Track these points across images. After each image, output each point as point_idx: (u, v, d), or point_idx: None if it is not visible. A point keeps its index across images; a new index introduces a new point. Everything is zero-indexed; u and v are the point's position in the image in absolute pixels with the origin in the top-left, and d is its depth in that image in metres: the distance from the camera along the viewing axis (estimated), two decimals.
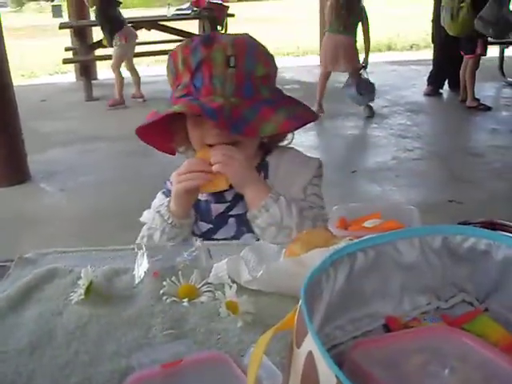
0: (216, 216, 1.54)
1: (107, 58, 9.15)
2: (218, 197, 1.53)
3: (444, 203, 4.11)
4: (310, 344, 0.58)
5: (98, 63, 9.83)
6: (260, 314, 0.97)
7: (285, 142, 1.60)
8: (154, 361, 0.79)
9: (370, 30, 6.69)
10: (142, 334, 0.95)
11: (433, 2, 8.05)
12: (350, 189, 4.66)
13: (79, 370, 0.86)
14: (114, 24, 7.76)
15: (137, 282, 1.10)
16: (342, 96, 7.08)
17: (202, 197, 1.54)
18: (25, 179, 5.14)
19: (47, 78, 10.91)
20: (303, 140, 6.25)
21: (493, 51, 7.84)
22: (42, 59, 12.20)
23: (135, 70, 8.22)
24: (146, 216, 1.60)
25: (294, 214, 1.41)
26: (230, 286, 0.99)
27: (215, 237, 1.52)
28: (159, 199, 1.61)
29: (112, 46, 7.88)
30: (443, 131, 6.56)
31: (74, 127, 6.91)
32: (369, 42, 6.74)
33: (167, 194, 1.59)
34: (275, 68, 1.51)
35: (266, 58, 1.47)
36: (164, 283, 1.05)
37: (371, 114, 6.87)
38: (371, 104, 6.92)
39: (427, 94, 7.97)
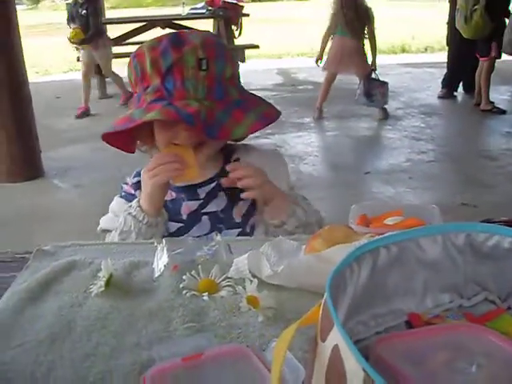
0: (189, 214, 1.53)
1: (121, 55, 9.20)
2: (191, 194, 1.53)
3: (457, 206, 4.10)
4: (335, 337, 0.57)
5: (112, 61, 9.87)
6: (281, 309, 0.97)
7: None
8: (174, 354, 0.79)
9: (376, 32, 6.67)
10: (163, 326, 0.94)
11: (448, 5, 8.02)
12: (363, 190, 4.66)
13: (100, 361, 0.86)
14: (101, 27, 7.80)
15: (156, 275, 1.10)
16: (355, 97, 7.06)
17: (168, 196, 1.52)
18: (39, 175, 5.17)
19: (61, 76, 10.95)
20: (315, 140, 6.26)
21: None
22: (56, 57, 12.25)
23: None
24: (107, 222, 1.59)
25: (311, 209, 1.48)
26: (251, 281, 0.99)
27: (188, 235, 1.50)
28: (117, 203, 1.60)
29: (82, 44, 7.76)
30: (457, 134, 6.53)
31: (88, 124, 6.94)
32: (375, 43, 6.71)
33: (126, 197, 1.59)
34: (238, 65, 1.52)
35: (232, 58, 1.47)
36: (184, 277, 1.05)
37: (385, 116, 6.85)
38: (385, 106, 6.91)
39: (441, 97, 7.95)
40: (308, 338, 0.84)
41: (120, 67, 10.00)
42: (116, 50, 8.99)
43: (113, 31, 9.34)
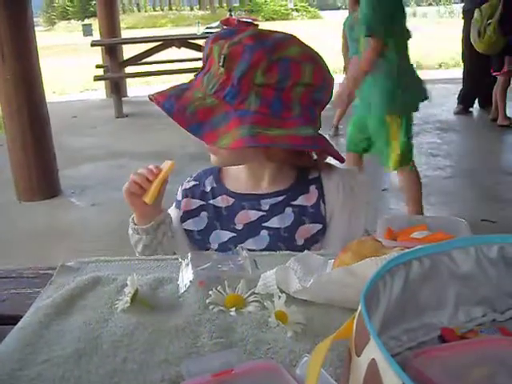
0: (245, 224, 1.48)
1: (137, 75, 9.28)
2: (253, 203, 1.48)
3: (477, 222, 4.05)
4: (372, 351, 0.56)
5: (128, 80, 9.96)
6: (310, 325, 0.95)
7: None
8: (204, 369, 0.78)
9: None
10: (190, 342, 0.93)
11: (462, 21, 8.01)
12: (380, 207, 4.63)
13: (128, 377, 0.85)
14: None
15: (182, 291, 1.08)
16: None
17: (224, 202, 1.51)
18: (56, 194, 5.19)
19: (78, 95, 11.05)
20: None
21: None
22: (72, 77, 12.36)
23: None
24: None
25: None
26: (279, 296, 0.98)
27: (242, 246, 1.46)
28: (170, 210, 1.58)
29: None
30: (474, 150, 6.50)
31: (105, 143, 6.98)
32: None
33: (176, 204, 1.58)
34: (298, 83, 1.33)
35: (274, 68, 1.30)
36: (210, 292, 1.04)
37: None
38: None
39: (457, 113, 7.92)
40: (339, 353, 0.83)
41: (137, 86, 10.14)
42: (132, 69, 9.07)
43: (129, 51, 9.44)
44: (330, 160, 1.54)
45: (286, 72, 1.31)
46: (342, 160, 1.45)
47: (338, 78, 6.90)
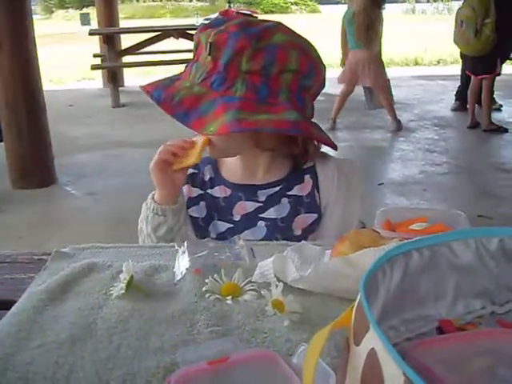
0: (243, 215, 1.48)
1: (135, 65, 9.24)
2: (250, 194, 1.48)
3: (473, 218, 4.02)
4: (372, 340, 0.55)
5: (125, 70, 9.93)
6: (307, 314, 0.95)
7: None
8: (199, 357, 0.77)
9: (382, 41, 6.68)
10: (186, 330, 0.92)
11: None
12: (376, 201, 4.62)
13: (122, 364, 0.84)
14: None
15: (178, 278, 1.08)
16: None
17: (222, 193, 1.50)
18: (51, 182, 5.17)
19: (75, 84, 11.01)
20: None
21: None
22: (69, 66, 12.32)
23: None
24: None
25: None
26: (276, 285, 0.97)
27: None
28: None
29: None
30: (471, 146, 6.50)
31: (101, 132, 6.96)
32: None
33: None
34: (286, 70, 1.31)
35: (260, 54, 1.29)
36: (206, 281, 1.03)
37: (399, 128, 6.83)
38: (399, 118, 6.90)
39: (455, 109, 7.92)
40: (336, 342, 0.82)
41: (134, 76, 10.11)
42: (130, 59, 9.04)
43: (127, 40, 9.40)
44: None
45: (271, 58, 1.30)
46: (334, 147, 1.43)
47: (336, 73, 6.94)
